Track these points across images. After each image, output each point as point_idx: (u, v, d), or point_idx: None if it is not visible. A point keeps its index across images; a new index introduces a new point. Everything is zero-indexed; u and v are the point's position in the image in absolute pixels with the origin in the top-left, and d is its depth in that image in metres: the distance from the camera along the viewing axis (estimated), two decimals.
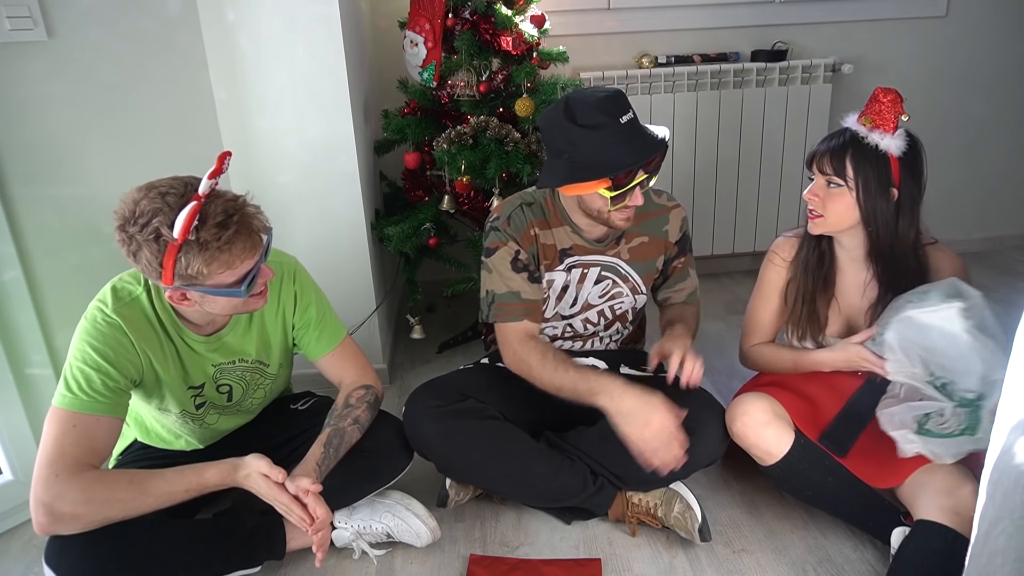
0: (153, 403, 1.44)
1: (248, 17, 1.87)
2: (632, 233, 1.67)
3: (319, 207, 2.07)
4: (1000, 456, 0.91)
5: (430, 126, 2.24)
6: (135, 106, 1.82)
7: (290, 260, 1.54)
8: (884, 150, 1.43)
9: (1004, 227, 3.19)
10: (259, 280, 1.32)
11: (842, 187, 1.47)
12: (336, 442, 1.45)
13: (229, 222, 1.20)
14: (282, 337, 1.54)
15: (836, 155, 1.47)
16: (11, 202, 1.65)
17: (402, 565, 1.54)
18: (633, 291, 1.71)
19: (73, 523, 1.23)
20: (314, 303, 1.54)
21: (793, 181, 2.86)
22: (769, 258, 1.69)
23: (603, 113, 1.44)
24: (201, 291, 1.26)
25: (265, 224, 1.29)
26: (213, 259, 1.20)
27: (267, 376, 1.56)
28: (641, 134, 1.48)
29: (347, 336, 1.61)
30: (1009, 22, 2.88)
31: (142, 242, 1.18)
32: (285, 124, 1.99)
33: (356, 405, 1.53)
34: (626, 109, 1.46)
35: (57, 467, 1.22)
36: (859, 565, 1.48)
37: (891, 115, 1.43)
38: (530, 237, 1.63)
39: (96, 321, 1.31)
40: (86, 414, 1.26)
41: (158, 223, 1.16)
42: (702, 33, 2.77)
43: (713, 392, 1.66)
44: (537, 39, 2.21)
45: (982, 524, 0.92)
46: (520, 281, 1.61)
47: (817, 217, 1.52)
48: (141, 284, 1.37)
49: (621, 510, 1.61)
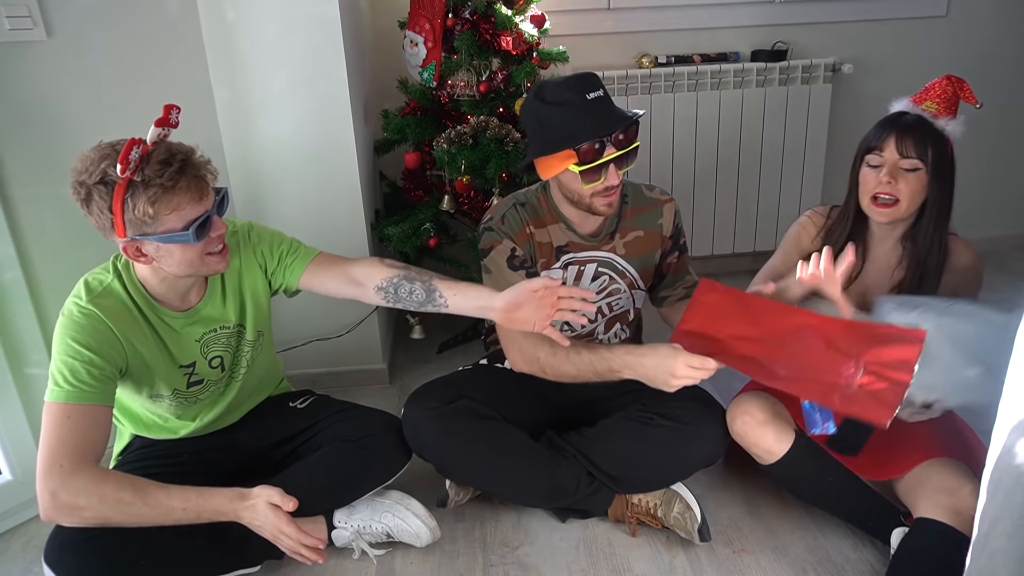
0: (144, 392, 1.45)
1: (248, 17, 1.87)
2: (626, 227, 1.66)
3: (319, 207, 2.07)
4: (1000, 456, 0.91)
5: (430, 126, 2.24)
6: (135, 106, 1.81)
7: (243, 222, 1.56)
8: (947, 134, 1.47)
9: (1004, 227, 3.19)
10: (212, 233, 1.33)
11: (920, 170, 1.45)
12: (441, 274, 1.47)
13: (172, 159, 1.24)
14: (260, 294, 1.54)
15: (920, 136, 1.45)
16: (11, 202, 1.65)
17: (402, 565, 1.54)
18: (631, 287, 1.70)
19: (74, 514, 1.24)
20: (280, 240, 1.55)
21: (793, 181, 2.86)
22: (801, 221, 1.68)
23: (569, 90, 1.46)
24: (153, 240, 1.27)
25: (212, 172, 1.32)
26: (157, 198, 1.22)
27: (245, 343, 1.56)
28: (608, 109, 1.48)
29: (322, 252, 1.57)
30: (1009, 22, 2.88)
31: (91, 186, 1.22)
32: (285, 124, 1.99)
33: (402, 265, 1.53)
34: (595, 87, 1.46)
35: (59, 458, 1.24)
36: (859, 565, 1.48)
37: (953, 99, 1.48)
38: (525, 235, 1.62)
39: (73, 315, 1.33)
40: (76, 404, 1.27)
41: (105, 165, 1.21)
42: (702, 33, 2.77)
43: (713, 392, 1.66)
44: (537, 39, 2.21)
45: (982, 524, 0.92)
46: (519, 278, 1.59)
47: (892, 204, 1.47)
48: (111, 272, 1.39)
49: (621, 510, 1.61)
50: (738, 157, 2.82)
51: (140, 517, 1.27)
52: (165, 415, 1.54)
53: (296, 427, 1.65)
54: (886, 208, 1.48)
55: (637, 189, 1.69)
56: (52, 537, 1.29)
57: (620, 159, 1.47)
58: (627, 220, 1.65)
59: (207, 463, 1.59)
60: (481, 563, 1.54)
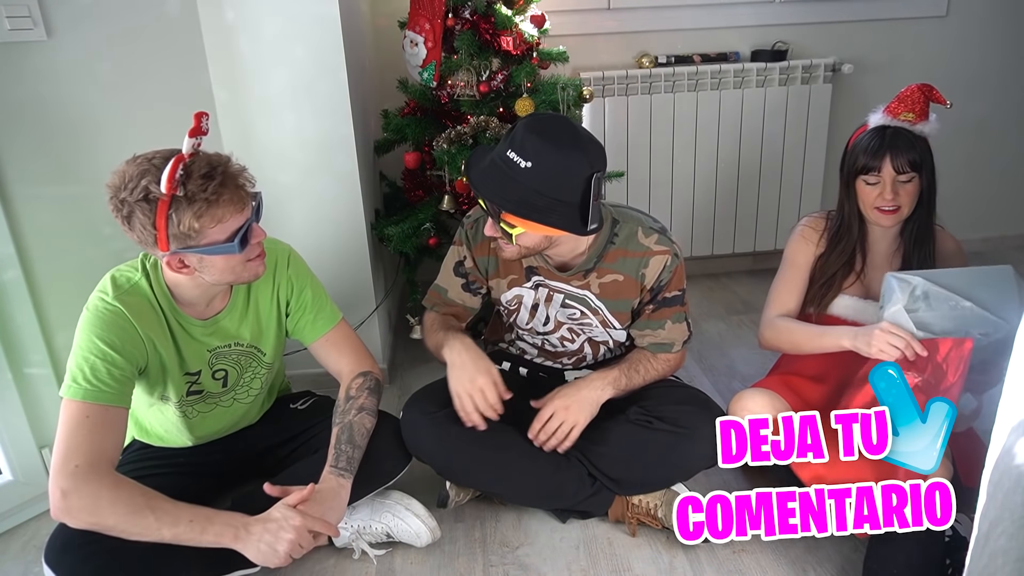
0: (156, 393, 1.45)
1: (248, 17, 1.87)
2: (605, 268, 1.58)
3: (319, 207, 2.07)
4: (1000, 456, 0.91)
5: (430, 126, 2.24)
6: (135, 106, 1.82)
7: (284, 246, 1.56)
8: (925, 135, 1.57)
9: (1004, 227, 3.19)
10: (252, 240, 1.34)
11: (914, 177, 1.54)
12: (346, 436, 1.47)
13: (214, 173, 1.23)
14: (276, 324, 1.55)
15: (909, 150, 1.54)
16: (11, 202, 1.65)
17: (402, 565, 1.54)
18: (603, 324, 1.64)
19: (81, 517, 1.22)
20: (309, 287, 1.56)
21: (793, 181, 2.86)
22: (801, 232, 1.72)
23: (505, 138, 1.43)
24: (197, 252, 1.28)
25: (250, 180, 1.32)
26: (202, 212, 1.23)
27: (263, 364, 1.56)
28: (495, 169, 1.41)
29: (342, 321, 1.62)
30: (1009, 22, 2.88)
31: (133, 204, 1.21)
32: (285, 124, 1.99)
33: (357, 395, 1.54)
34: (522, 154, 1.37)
35: (75, 457, 1.23)
36: (859, 565, 1.48)
37: (926, 104, 1.57)
38: (487, 248, 1.62)
39: (99, 310, 1.32)
40: (95, 404, 1.27)
41: (147, 182, 1.20)
42: (702, 33, 2.77)
43: (713, 392, 1.66)
44: (537, 39, 2.21)
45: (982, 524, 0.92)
46: (455, 283, 1.68)
47: (895, 211, 1.56)
48: (139, 270, 1.39)
49: (621, 511, 1.61)
50: (738, 157, 2.82)
51: (145, 528, 1.24)
52: (166, 429, 1.54)
53: (297, 428, 1.65)
54: (891, 215, 1.57)
55: (632, 232, 1.58)
56: (52, 537, 1.29)
57: (492, 214, 1.44)
58: (609, 261, 1.58)
59: (206, 464, 1.59)
60: (481, 563, 1.54)
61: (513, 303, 1.68)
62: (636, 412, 1.58)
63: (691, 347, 1.82)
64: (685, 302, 1.64)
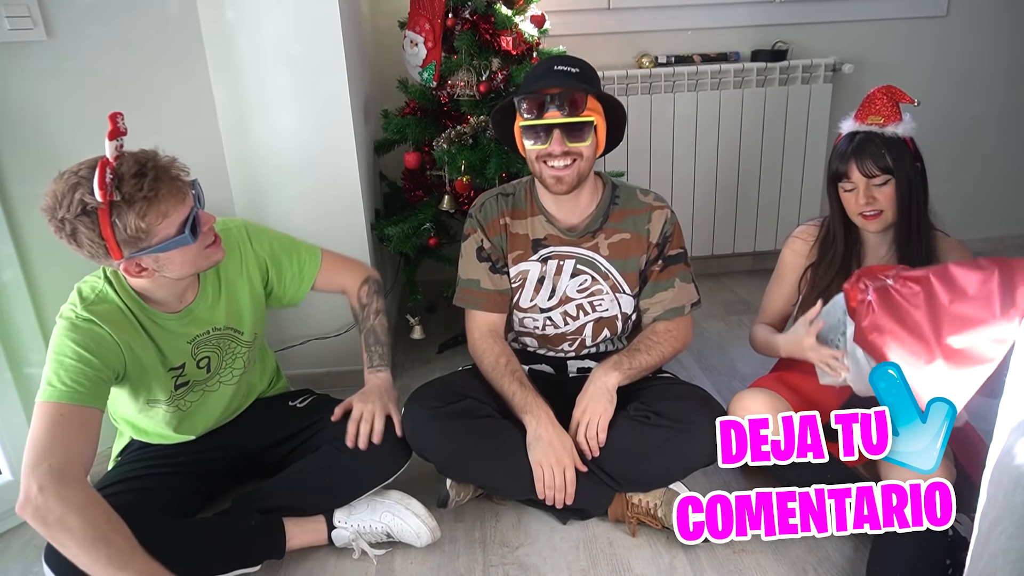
0: (141, 398, 1.45)
1: (248, 17, 1.87)
2: (612, 228, 1.66)
3: (319, 207, 2.07)
4: (1000, 457, 0.91)
5: (430, 126, 2.24)
6: (135, 106, 1.81)
7: (237, 222, 1.57)
8: (901, 136, 1.54)
9: (1004, 227, 3.19)
10: (203, 227, 1.33)
11: (889, 179, 1.54)
12: (373, 339, 1.64)
13: (145, 170, 1.23)
14: (251, 301, 1.55)
15: (875, 153, 1.53)
16: (11, 202, 1.65)
17: (402, 565, 1.54)
18: (613, 289, 1.68)
19: (48, 517, 1.16)
20: (279, 251, 1.60)
21: (793, 181, 2.86)
22: (790, 243, 1.75)
23: (547, 62, 1.54)
24: (151, 252, 1.27)
25: (184, 169, 1.31)
26: (145, 211, 1.22)
27: (241, 343, 1.56)
28: (565, 79, 1.50)
29: (322, 252, 1.67)
30: (1009, 22, 2.88)
31: (74, 220, 1.20)
32: (285, 124, 1.99)
33: (368, 301, 1.68)
34: (573, 65, 1.52)
35: (49, 456, 1.19)
36: (859, 565, 1.48)
37: (893, 106, 1.55)
38: (499, 226, 1.67)
39: (72, 321, 1.32)
40: (69, 404, 1.24)
41: (80, 195, 1.19)
42: (702, 33, 2.77)
43: (713, 392, 1.66)
44: (537, 39, 2.21)
45: (982, 524, 0.92)
46: (482, 270, 1.68)
47: (877, 215, 1.56)
48: (102, 278, 1.39)
49: (621, 510, 1.61)
50: (738, 157, 2.82)
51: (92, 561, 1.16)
52: (163, 428, 1.54)
53: (295, 427, 1.65)
54: (874, 219, 1.57)
55: (631, 192, 1.69)
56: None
57: (568, 130, 1.49)
58: (614, 221, 1.66)
59: (206, 463, 1.59)
60: (481, 563, 1.54)
61: (517, 279, 1.70)
62: (635, 408, 1.58)
63: (691, 347, 1.83)
64: (689, 263, 1.70)
